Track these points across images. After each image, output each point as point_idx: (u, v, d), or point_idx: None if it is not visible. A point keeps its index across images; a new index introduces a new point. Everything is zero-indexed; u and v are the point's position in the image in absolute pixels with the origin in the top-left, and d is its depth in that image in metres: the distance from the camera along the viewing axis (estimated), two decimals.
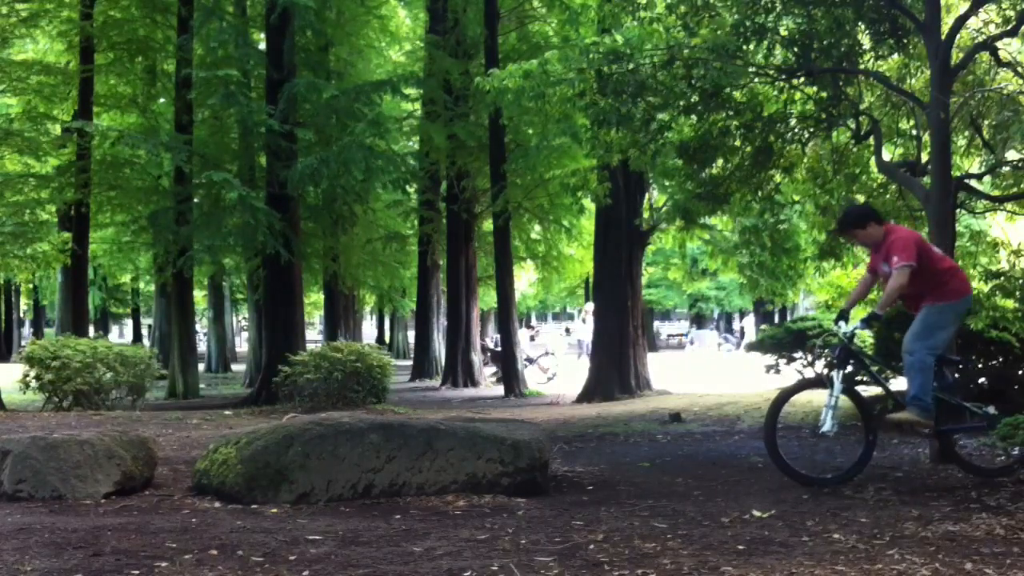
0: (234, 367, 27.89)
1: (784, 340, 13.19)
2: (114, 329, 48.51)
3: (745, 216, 11.35)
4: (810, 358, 13.08)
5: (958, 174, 7.76)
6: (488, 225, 20.46)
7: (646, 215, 15.01)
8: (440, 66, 17.43)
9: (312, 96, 14.32)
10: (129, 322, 47.04)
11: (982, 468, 6.20)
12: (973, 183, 7.89)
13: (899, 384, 6.37)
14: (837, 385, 5.94)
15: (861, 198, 9.08)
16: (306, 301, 24.66)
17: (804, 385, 6.43)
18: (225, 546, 4.12)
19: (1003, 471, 6.06)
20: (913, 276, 5.66)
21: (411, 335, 30.99)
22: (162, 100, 18.95)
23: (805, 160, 8.79)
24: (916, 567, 3.69)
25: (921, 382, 5.74)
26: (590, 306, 18.77)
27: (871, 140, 7.81)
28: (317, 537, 4.31)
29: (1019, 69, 7.61)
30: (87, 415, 10.13)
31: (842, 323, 5.95)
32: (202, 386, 18.50)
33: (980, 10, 7.39)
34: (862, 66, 7.72)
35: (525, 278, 31.51)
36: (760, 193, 8.68)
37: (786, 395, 6.20)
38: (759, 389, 13.02)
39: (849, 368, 5.98)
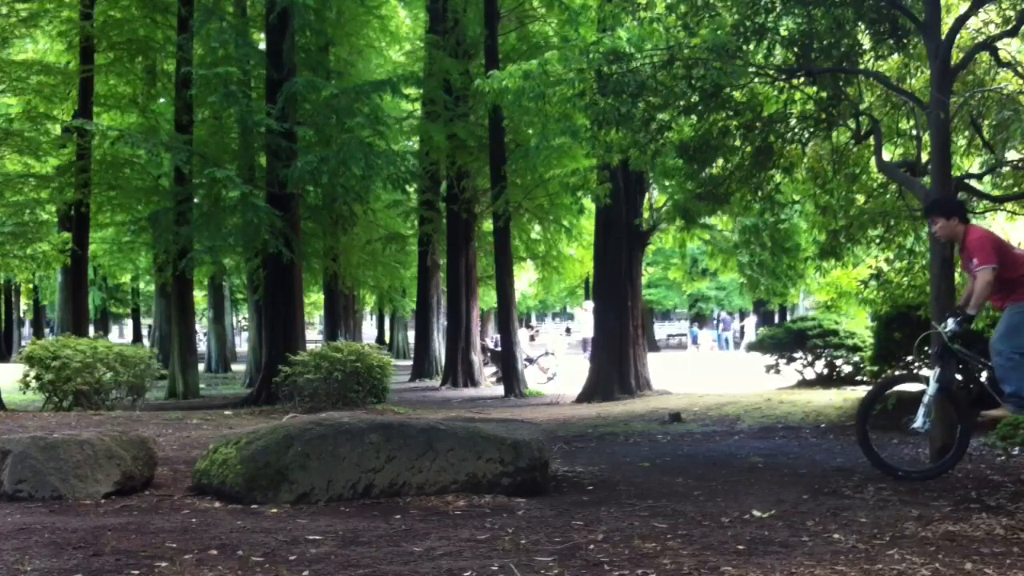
0: (234, 367, 27.90)
1: (784, 340, 13.22)
2: (114, 329, 48.51)
3: (745, 216, 11.37)
4: (810, 357, 13.11)
5: (958, 174, 7.75)
6: (488, 225, 20.46)
7: (646, 215, 15.01)
8: (440, 66, 17.44)
9: (311, 95, 14.33)
10: (129, 322, 47.03)
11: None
12: (973, 183, 7.89)
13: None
14: (933, 383, 5.93)
15: (861, 198, 9.08)
16: (306, 301, 24.68)
17: (897, 380, 6.44)
18: (225, 546, 4.12)
19: None
20: (995, 275, 5.71)
21: (411, 335, 31.00)
22: (162, 100, 18.96)
23: (805, 160, 8.79)
24: (916, 567, 3.69)
25: (1016, 379, 5.72)
26: (589, 304, 18.77)
27: (871, 140, 7.81)
28: (317, 537, 4.31)
29: (1019, 69, 7.61)
30: (87, 415, 10.13)
31: (949, 321, 5.93)
32: (202, 386, 18.51)
33: (980, 10, 7.39)
34: (862, 66, 7.72)
35: (525, 278, 31.50)
36: (760, 193, 8.68)
37: (880, 389, 6.32)
38: (759, 389, 13.03)
39: (939, 371, 5.94)
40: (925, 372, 6.07)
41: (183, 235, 15.26)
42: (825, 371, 12.95)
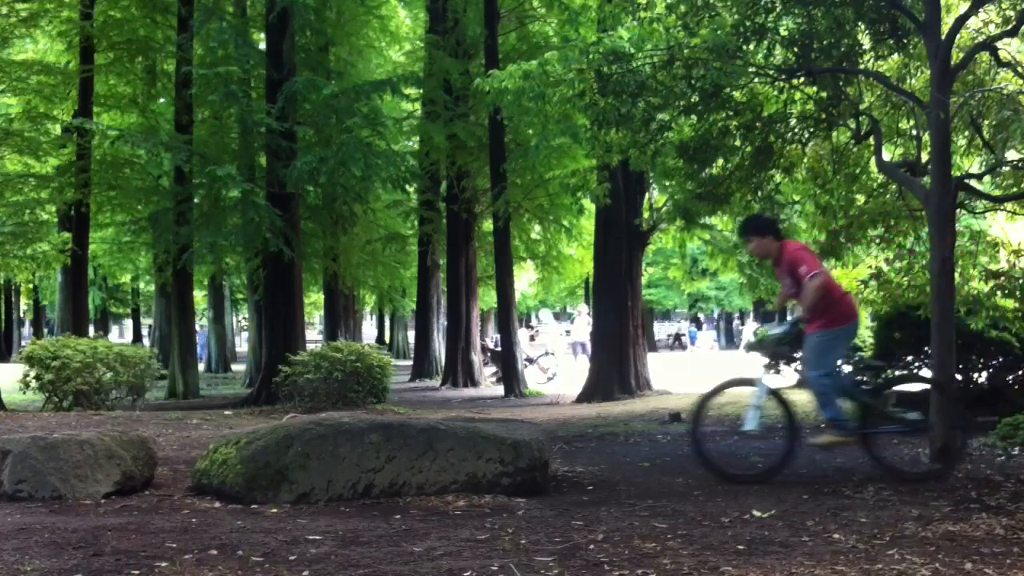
0: (234, 367, 27.90)
1: (784, 340, 13.20)
2: (114, 329, 48.51)
3: (745, 216, 11.34)
4: None
5: (958, 174, 7.75)
6: (488, 225, 20.46)
7: (646, 215, 15.02)
8: (440, 66, 17.44)
9: (311, 95, 14.33)
10: (129, 322, 47.04)
11: (904, 472, 6.22)
12: (973, 183, 7.88)
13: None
14: (763, 386, 6.06)
15: (861, 198, 9.08)
16: (306, 301, 24.69)
17: (730, 384, 6.54)
18: (225, 546, 4.12)
19: (926, 476, 6.08)
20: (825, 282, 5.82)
21: (411, 335, 31.01)
22: (162, 100, 18.96)
23: (805, 160, 8.78)
24: (916, 567, 3.69)
25: (830, 407, 5.90)
26: (584, 307, 18.75)
27: (871, 140, 7.81)
28: (317, 537, 4.31)
29: (1019, 69, 7.61)
30: (87, 415, 10.13)
31: (778, 328, 6.02)
32: (202, 386, 18.51)
33: (980, 10, 7.39)
34: (862, 66, 7.71)
35: (525, 278, 31.51)
36: (760, 193, 8.68)
37: (711, 394, 6.40)
38: None
39: (766, 376, 6.12)
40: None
41: (183, 235, 15.26)
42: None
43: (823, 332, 5.89)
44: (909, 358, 9.96)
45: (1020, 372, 9.37)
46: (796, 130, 8.24)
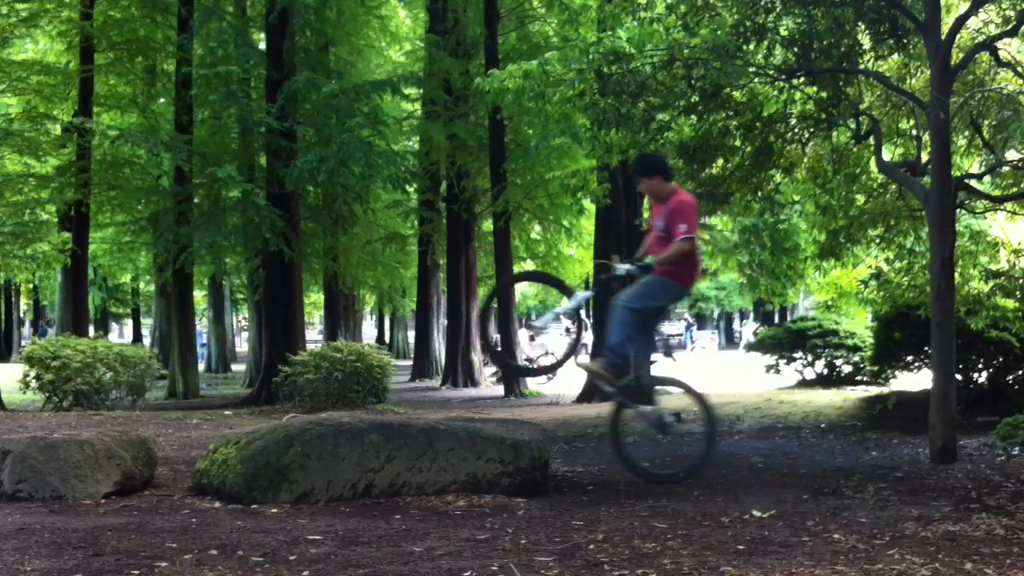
0: (234, 367, 27.90)
1: (784, 340, 13.21)
2: (114, 329, 48.50)
3: (745, 216, 11.34)
4: (810, 357, 13.11)
5: (958, 174, 7.75)
6: (488, 225, 20.46)
7: (646, 215, 15.01)
8: (440, 66, 17.44)
9: (311, 94, 14.33)
10: (129, 322, 47.03)
11: (644, 469, 6.28)
12: (973, 183, 7.88)
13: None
14: (578, 298, 6.30)
15: (861, 198, 9.08)
16: (306, 301, 24.67)
17: (539, 277, 6.68)
18: (225, 546, 4.12)
19: (665, 479, 6.15)
20: (665, 241, 5.83)
21: (411, 335, 30.99)
22: (162, 100, 18.96)
23: (805, 160, 8.78)
24: (916, 567, 3.69)
25: (619, 336, 5.87)
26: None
27: (871, 140, 7.81)
28: (317, 537, 4.31)
29: (1019, 69, 7.61)
30: (87, 415, 10.13)
31: (625, 265, 6.01)
32: (202, 386, 18.51)
33: (980, 10, 7.39)
34: (862, 66, 7.71)
35: None
36: (760, 193, 8.68)
37: (517, 278, 6.69)
38: (759, 389, 13.03)
39: (589, 294, 6.45)
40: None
41: (183, 235, 15.26)
42: (825, 371, 12.95)
43: (664, 278, 5.89)
44: (909, 358, 9.96)
45: (1020, 372, 9.37)
46: (796, 130, 8.24)
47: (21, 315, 41.55)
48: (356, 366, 11.93)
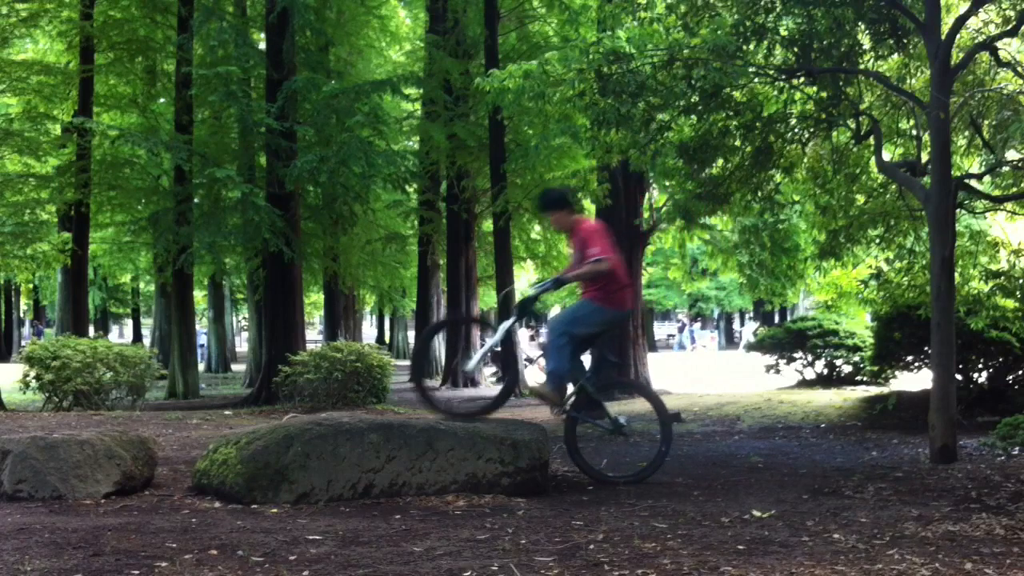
0: (234, 367, 27.89)
1: (784, 340, 13.22)
2: (114, 329, 48.50)
3: (745, 216, 11.35)
4: (810, 357, 13.12)
5: (958, 174, 7.75)
6: (488, 225, 20.44)
7: (646, 215, 15.01)
8: (440, 66, 17.43)
9: (311, 94, 14.32)
10: (129, 322, 47.04)
11: (595, 470, 6.37)
12: (973, 183, 7.89)
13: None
14: (500, 332, 6.34)
15: (861, 198, 9.08)
16: (306, 301, 24.67)
17: (458, 321, 6.79)
18: (225, 546, 4.12)
19: (620, 480, 6.23)
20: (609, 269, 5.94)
21: (411, 335, 30.99)
22: (162, 100, 18.95)
23: (805, 160, 8.79)
24: (916, 567, 3.69)
25: (557, 362, 6.02)
26: None
27: (871, 140, 7.81)
28: (317, 537, 4.31)
29: (1019, 69, 7.61)
30: (87, 415, 10.13)
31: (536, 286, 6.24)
32: (202, 386, 18.50)
33: (980, 10, 7.39)
34: (862, 66, 7.71)
35: (525, 278, 31.50)
36: (760, 193, 8.68)
37: (434, 330, 6.77)
38: (759, 389, 13.04)
39: (511, 322, 6.30)
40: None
41: (183, 235, 15.25)
42: (825, 371, 12.96)
43: (591, 301, 6.03)
44: (909, 358, 9.97)
45: (1020, 372, 9.38)
46: (796, 130, 8.24)
47: (21, 315, 41.56)
48: (356, 366, 11.94)
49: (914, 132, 8.26)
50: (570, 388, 6.29)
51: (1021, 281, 8.25)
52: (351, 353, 12.09)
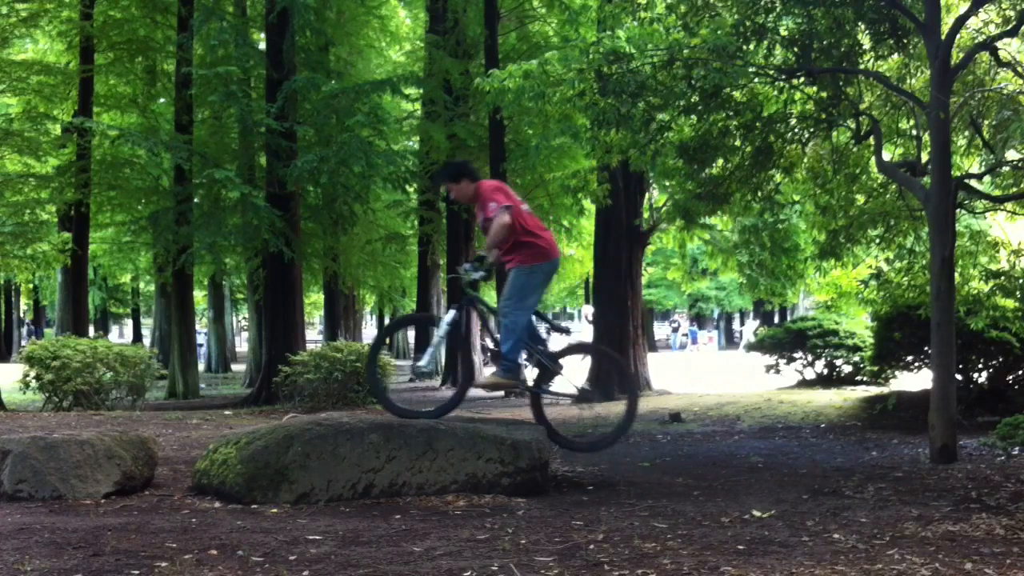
0: (234, 367, 27.89)
1: (784, 340, 13.22)
2: (114, 329, 48.50)
3: (745, 216, 11.36)
4: (810, 357, 13.12)
5: (958, 174, 7.75)
6: None
7: (646, 215, 15.02)
8: (440, 66, 17.43)
9: (311, 94, 14.33)
10: (129, 322, 47.04)
11: (564, 437, 6.39)
12: (973, 183, 7.89)
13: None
14: (444, 325, 6.08)
15: (861, 198, 9.08)
16: (306, 301, 24.67)
17: (411, 320, 6.67)
18: (225, 546, 4.12)
19: (587, 447, 6.40)
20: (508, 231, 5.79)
21: (411, 335, 30.99)
22: (162, 100, 18.96)
23: (805, 160, 8.79)
24: (916, 567, 3.69)
25: (513, 343, 5.93)
26: (589, 309, 18.67)
27: (871, 140, 7.81)
28: (317, 537, 4.31)
29: (1019, 69, 7.61)
30: (87, 415, 10.13)
31: (467, 266, 6.06)
32: (202, 386, 18.50)
33: (980, 10, 7.39)
34: (862, 66, 7.71)
35: None
36: (760, 193, 8.68)
37: (391, 328, 6.61)
38: (759, 389, 13.04)
39: (452, 315, 6.08)
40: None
41: (183, 235, 15.26)
42: (825, 371, 12.96)
43: (520, 267, 5.90)
44: (909, 358, 9.97)
45: (1020, 372, 9.38)
46: (796, 130, 8.24)
47: (21, 315, 41.56)
48: (356, 366, 11.94)
49: (914, 132, 8.27)
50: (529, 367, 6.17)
51: (1021, 281, 8.25)
52: (351, 353, 12.10)
